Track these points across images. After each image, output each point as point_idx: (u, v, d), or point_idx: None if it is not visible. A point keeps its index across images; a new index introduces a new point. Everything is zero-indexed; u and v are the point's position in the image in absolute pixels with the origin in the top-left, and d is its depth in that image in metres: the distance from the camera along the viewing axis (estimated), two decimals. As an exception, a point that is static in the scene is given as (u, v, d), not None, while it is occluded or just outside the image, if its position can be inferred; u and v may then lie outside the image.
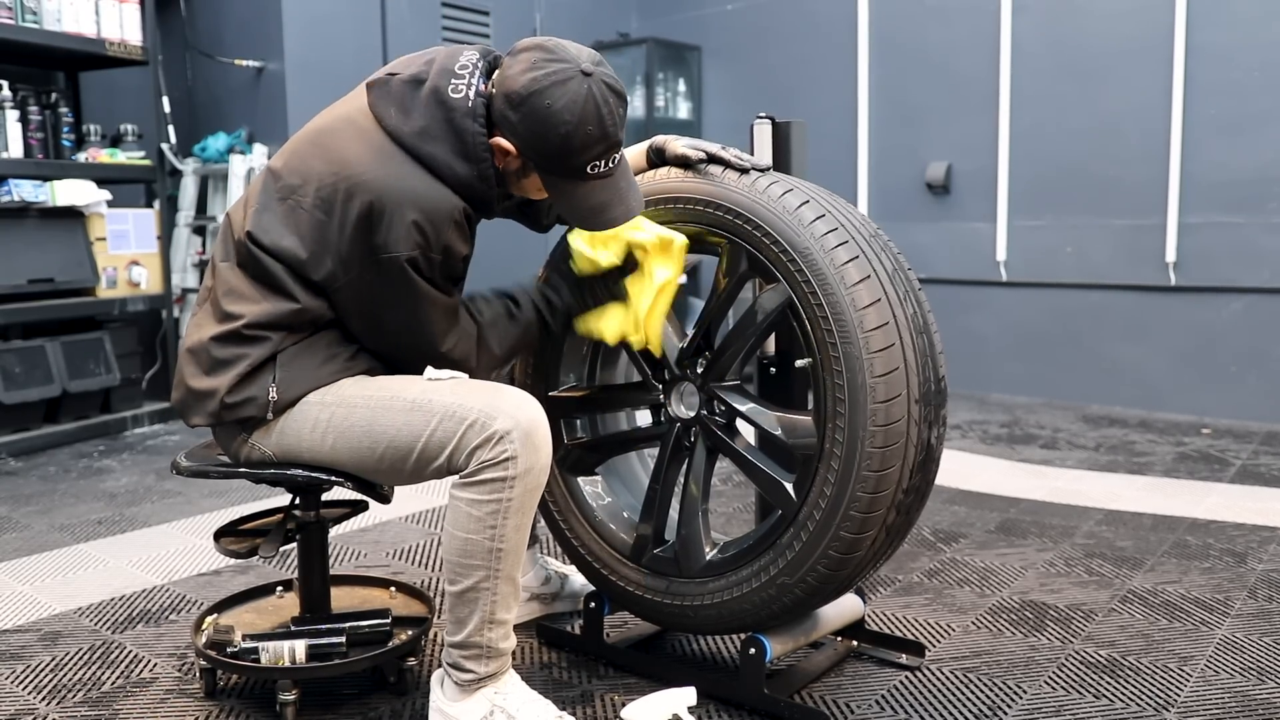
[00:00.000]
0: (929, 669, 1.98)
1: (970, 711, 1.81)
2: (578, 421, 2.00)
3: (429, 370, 1.66)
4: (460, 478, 1.57)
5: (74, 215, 4.06)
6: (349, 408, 1.63)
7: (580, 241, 1.80)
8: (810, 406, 1.73)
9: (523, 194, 1.73)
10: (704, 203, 1.74)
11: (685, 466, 1.86)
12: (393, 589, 2.08)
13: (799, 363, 1.89)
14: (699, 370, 1.82)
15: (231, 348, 1.63)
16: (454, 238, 1.60)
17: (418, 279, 1.59)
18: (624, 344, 1.87)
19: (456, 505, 1.57)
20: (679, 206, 1.78)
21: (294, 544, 1.91)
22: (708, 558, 1.82)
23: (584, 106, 1.56)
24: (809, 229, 1.63)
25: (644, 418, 2.03)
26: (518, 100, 1.57)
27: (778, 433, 1.73)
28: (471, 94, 1.61)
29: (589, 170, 1.61)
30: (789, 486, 1.72)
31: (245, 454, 1.70)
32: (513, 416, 1.54)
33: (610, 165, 1.63)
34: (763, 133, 1.97)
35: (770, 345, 1.94)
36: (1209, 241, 4.25)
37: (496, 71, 1.64)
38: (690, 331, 1.84)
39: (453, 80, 1.62)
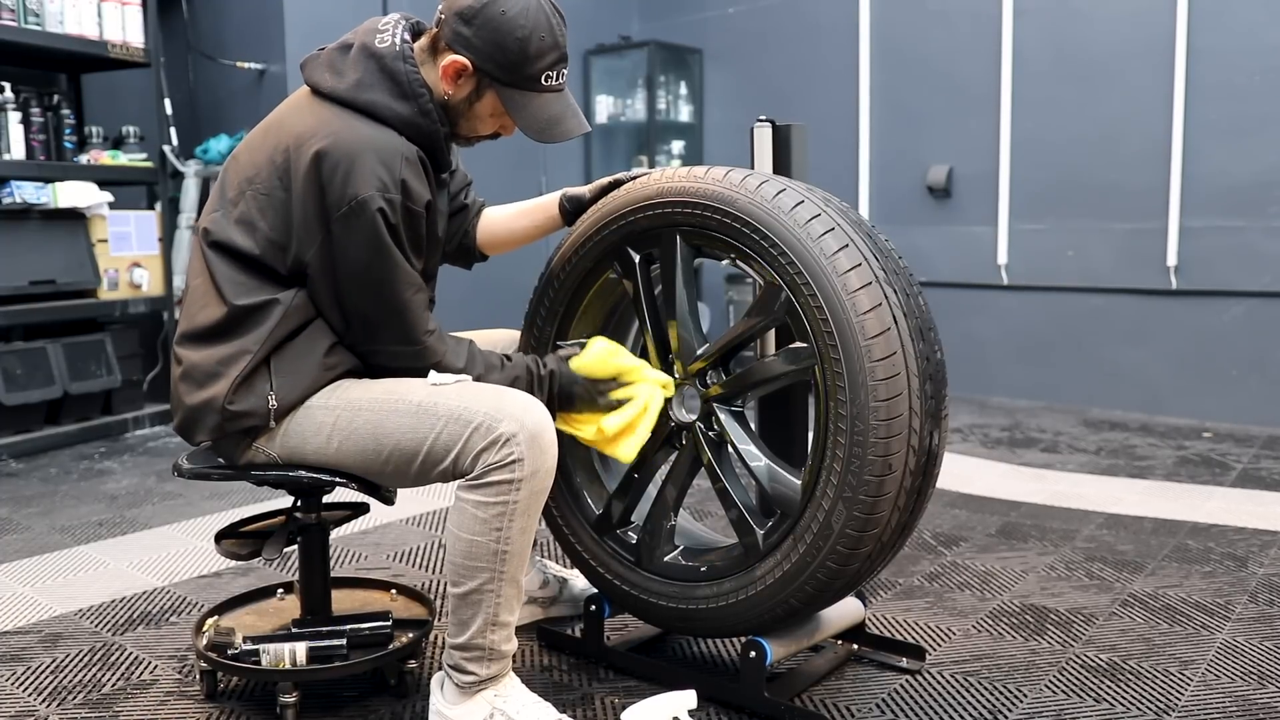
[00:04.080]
0: (929, 673, 1.98)
1: (970, 715, 1.81)
2: None
3: (433, 374, 1.66)
4: (466, 480, 1.57)
5: (76, 217, 4.06)
6: (354, 411, 1.63)
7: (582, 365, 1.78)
8: (809, 429, 1.74)
9: (473, 129, 1.75)
10: (708, 208, 1.74)
11: (670, 465, 1.87)
12: (393, 591, 2.08)
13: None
14: (708, 382, 1.82)
15: (217, 353, 1.63)
16: (410, 175, 1.60)
17: (381, 228, 1.57)
18: (644, 333, 1.87)
19: (462, 508, 1.57)
20: (683, 211, 1.77)
21: (295, 546, 1.91)
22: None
23: (536, 15, 1.63)
24: (806, 229, 1.63)
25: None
26: (471, 14, 1.63)
27: (764, 480, 1.75)
28: (397, 41, 1.67)
29: (543, 80, 1.68)
30: (759, 536, 1.73)
31: (250, 458, 1.70)
32: (518, 420, 1.54)
33: (561, 79, 1.71)
34: (763, 136, 1.97)
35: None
36: (1210, 245, 4.25)
37: (443, 3, 1.69)
38: (707, 341, 1.83)
39: (377, 35, 1.68)
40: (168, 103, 4.53)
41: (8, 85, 3.90)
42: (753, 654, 1.77)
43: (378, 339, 1.66)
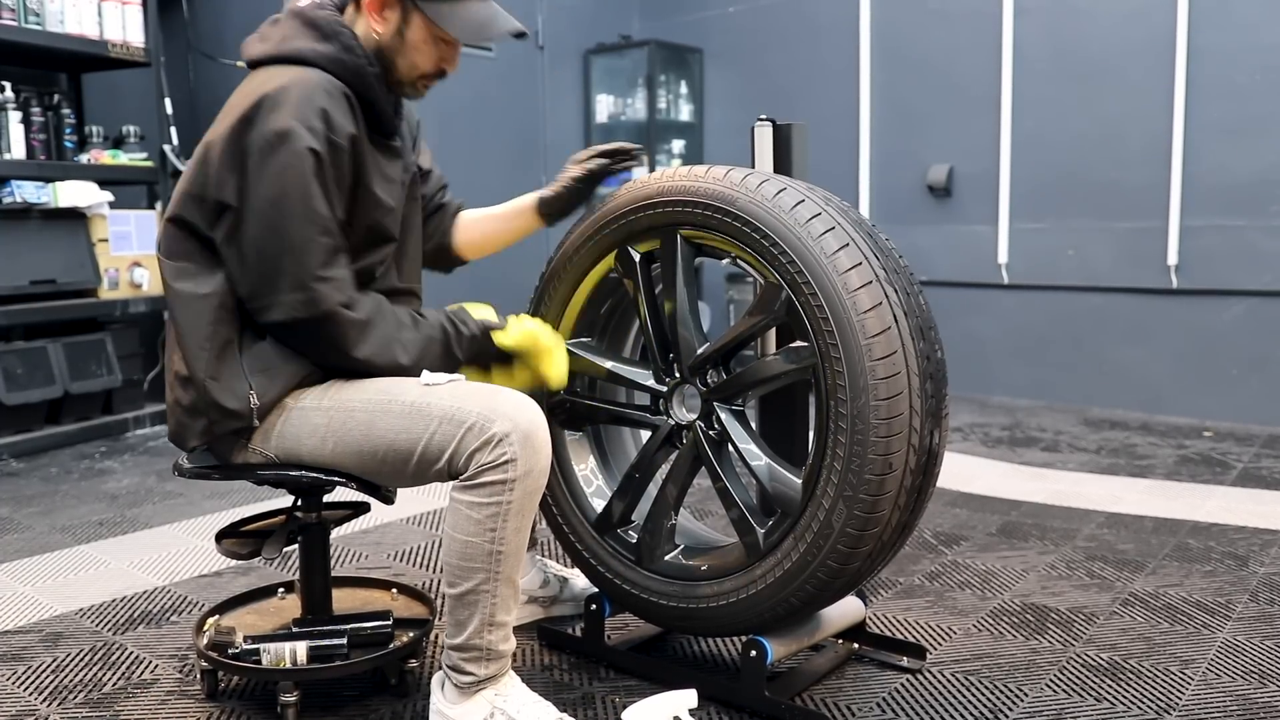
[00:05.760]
0: (930, 672, 1.98)
1: (971, 714, 1.81)
2: (576, 377, 2.00)
3: (426, 374, 1.66)
4: (460, 481, 1.57)
5: (76, 217, 4.06)
6: (347, 412, 1.64)
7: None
8: (810, 431, 1.73)
9: (413, 64, 1.74)
10: (709, 207, 1.74)
11: (670, 465, 1.87)
12: (394, 591, 2.08)
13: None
14: (708, 381, 1.82)
15: (183, 356, 1.65)
16: (332, 106, 1.61)
17: (299, 157, 1.56)
18: (645, 332, 1.87)
19: (456, 508, 1.57)
20: (684, 210, 1.77)
21: (295, 545, 1.91)
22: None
23: None
24: (807, 228, 1.63)
25: (643, 399, 2.02)
26: None
27: (764, 479, 1.74)
28: None
29: None
30: (760, 535, 1.73)
31: (245, 459, 1.71)
32: (511, 419, 1.54)
33: None
34: (764, 135, 1.97)
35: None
36: (1210, 244, 4.25)
37: None
38: (708, 339, 1.83)
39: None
40: (168, 102, 4.53)
41: (8, 85, 3.90)
42: (753, 653, 1.77)
43: (274, 288, 1.60)
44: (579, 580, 2.22)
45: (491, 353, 1.78)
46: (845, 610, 1.96)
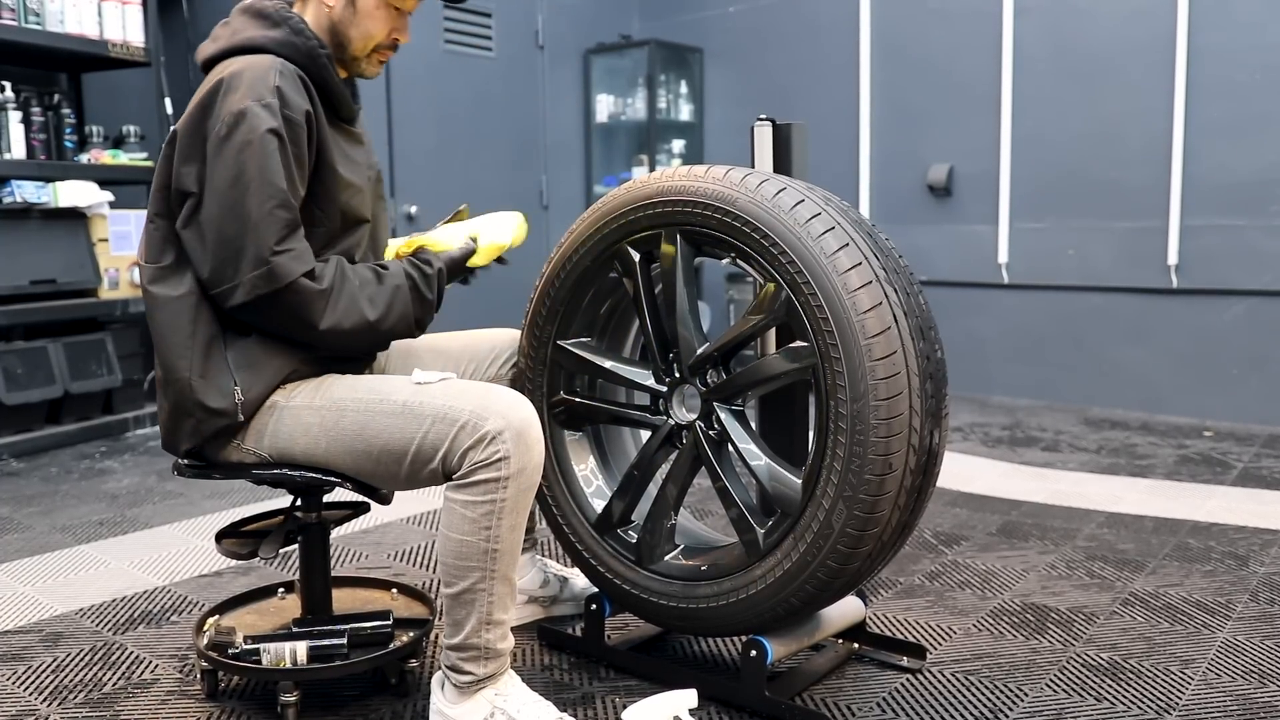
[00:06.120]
0: (930, 671, 1.98)
1: (971, 714, 1.81)
2: (576, 377, 2.00)
3: (417, 372, 1.66)
4: (454, 480, 1.57)
5: (76, 216, 4.06)
6: (339, 412, 1.64)
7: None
8: (810, 431, 1.73)
9: (367, 35, 1.75)
10: (708, 206, 1.74)
11: (670, 464, 1.87)
12: (394, 590, 2.08)
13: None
14: (708, 380, 1.82)
15: (164, 361, 1.66)
16: (285, 84, 1.63)
17: (257, 135, 1.57)
18: (645, 331, 1.87)
19: (451, 508, 1.58)
20: (683, 210, 1.77)
21: (295, 545, 1.91)
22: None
23: None
24: (806, 228, 1.63)
25: (643, 399, 2.02)
26: None
27: (764, 479, 1.74)
28: None
29: None
30: (760, 535, 1.73)
31: (239, 459, 1.71)
32: (504, 417, 1.55)
33: None
34: (764, 134, 1.97)
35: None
36: (1211, 244, 4.25)
37: None
38: (708, 339, 1.83)
39: None
40: (168, 102, 4.53)
41: (8, 85, 3.90)
42: (753, 653, 1.77)
43: (236, 269, 1.58)
44: (579, 580, 2.22)
45: (465, 273, 1.84)
46: (845, 610, 1.96)
